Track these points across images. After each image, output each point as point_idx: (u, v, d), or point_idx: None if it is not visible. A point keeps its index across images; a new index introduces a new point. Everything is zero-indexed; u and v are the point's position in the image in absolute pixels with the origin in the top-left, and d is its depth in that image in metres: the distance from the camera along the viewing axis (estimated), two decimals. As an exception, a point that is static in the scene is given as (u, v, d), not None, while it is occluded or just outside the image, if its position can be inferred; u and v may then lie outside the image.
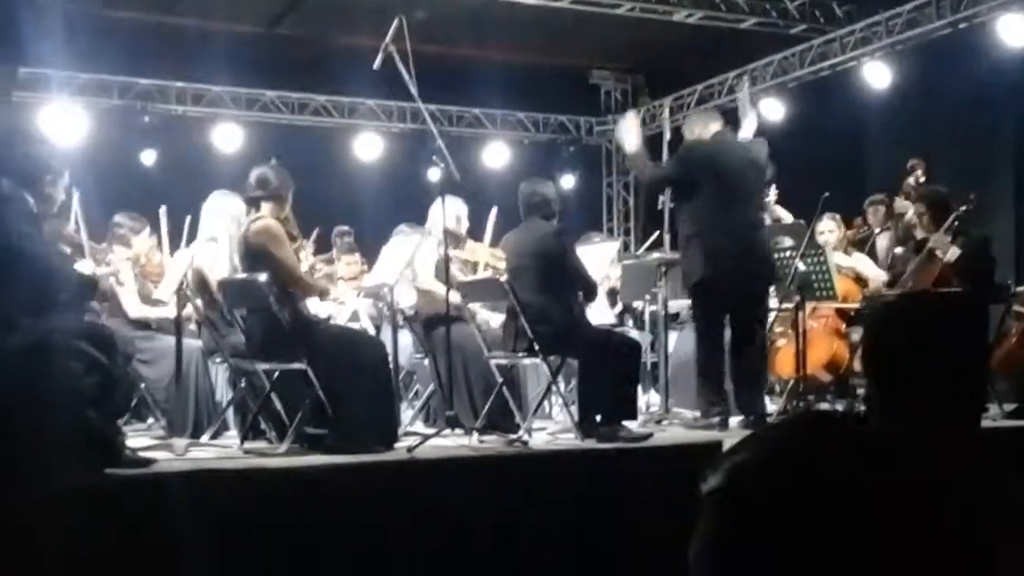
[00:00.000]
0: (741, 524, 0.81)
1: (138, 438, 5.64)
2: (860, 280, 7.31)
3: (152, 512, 3.91)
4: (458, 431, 5.39)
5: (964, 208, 6.55)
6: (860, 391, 6.67)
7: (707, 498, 0.84)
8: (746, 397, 5.94)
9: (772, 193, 7.44)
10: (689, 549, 0.84)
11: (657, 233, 9.17)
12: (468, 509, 4.37)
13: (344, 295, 7.17)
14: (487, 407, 5.77)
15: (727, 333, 6.09)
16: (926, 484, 0.81)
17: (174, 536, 3.83)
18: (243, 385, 5.70)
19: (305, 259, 5.80)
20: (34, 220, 4.55)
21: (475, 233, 6.81)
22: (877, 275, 7.23)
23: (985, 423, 1.95)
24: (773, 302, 6.93)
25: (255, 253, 5.26)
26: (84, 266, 5.24)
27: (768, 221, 7.03)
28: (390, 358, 5.66)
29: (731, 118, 6.72)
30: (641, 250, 8.99)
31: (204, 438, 5.67)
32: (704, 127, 6.23)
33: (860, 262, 7.42)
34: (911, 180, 7.57)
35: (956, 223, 6.51)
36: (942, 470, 0.83)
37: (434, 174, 5.78)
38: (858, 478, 0.80)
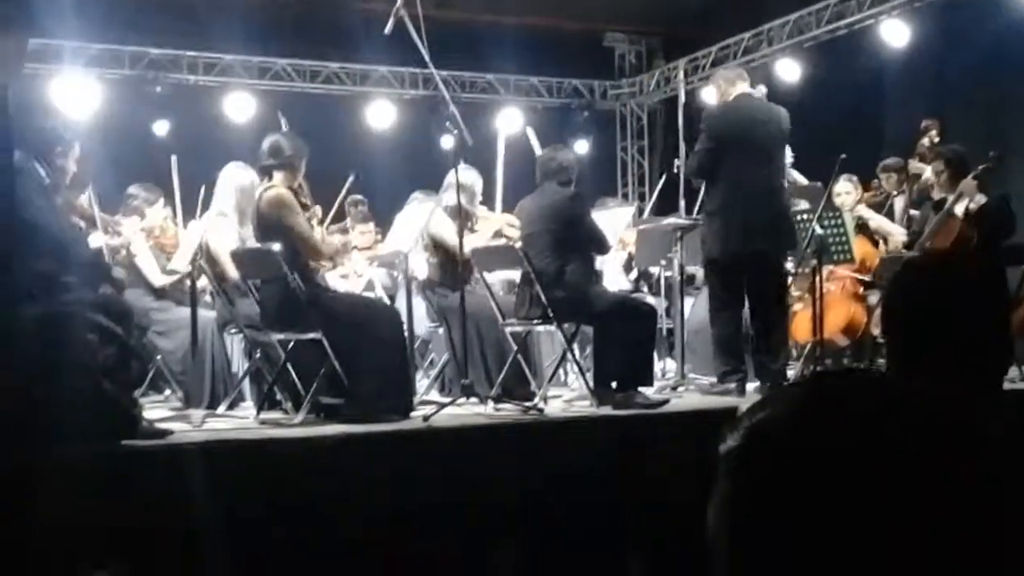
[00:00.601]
0: (760, 484, 0.79)
1: (155, 409, 5.66)
2: (878, 242, 7.25)
3: (169, 483, 3.94)
4: (473, 399, 5.39)
5: (984, 166, 6.47)
6: (880, 360, 6.63)
7: (725, 459, 0.82)
8: (767, 362, 5.91)
9: (789, 156, 7.37)
10: (708, 511, 0.83)
11: (656, 195, 9.11)
12: (484, 477, 4.38)
13: (359, 264, 7.16)
14: (502, 375, 5.76)
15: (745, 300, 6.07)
16: (952, 440, 0.79)
17: (191, 506, 3.86)
18: (258, 356, 5.71)
19: (315, 227, 5.79)
20: (47, 192, 4.55)
21: (486, 199, 6.78)
22: (898, 231, 7.17)
23: (1004, 385, 1.94)
24: (789, 266, 6.89)
25: (268, 223, 5.26)
26: (96, 239, 5.25)
27: (784, 184, 6.96)
28: (405, 327, 5.66)
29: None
30: (647, 212, 8.91)
31: (220, 409, 5.69)
32: (731, 85, 6.18)
33: (880, 220, 7.36)
34: (925, 141, 7.48)
35: (976, 181, 6.44)
36: (970, 425, 0.82)
37: (447, 141, 5.75)
38: (882, 435, 0.78)
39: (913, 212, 7.25)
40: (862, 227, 7.20)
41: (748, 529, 0.80)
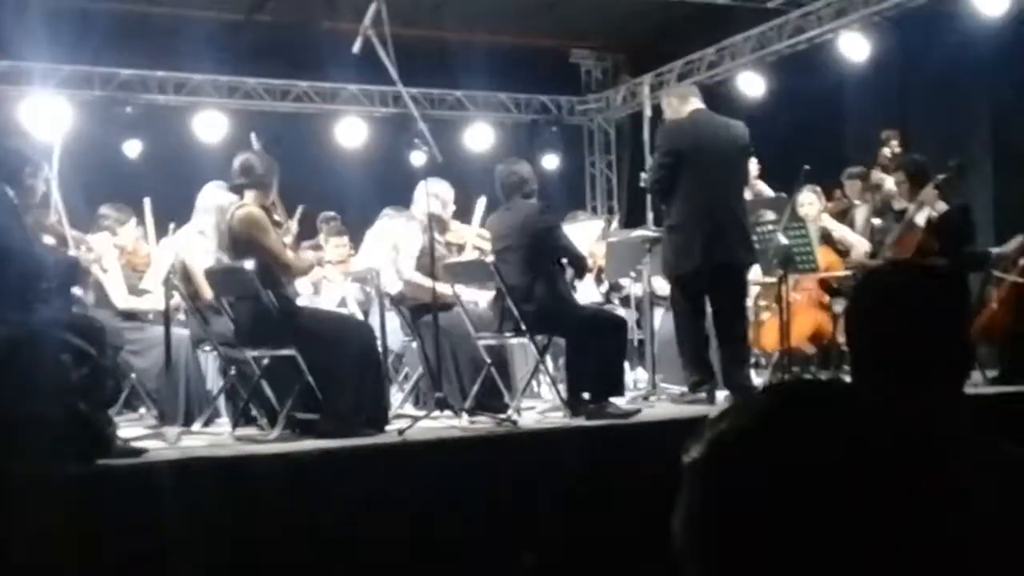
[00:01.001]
0: (722, 494, 0.81)
1: (130, 428, 5.66)
2: (842, 252, 7.37)
3: (145, 501, 3.95)
4: (447, 412, 5.43)
5: (944, 176, 6.60)
6: (847, 367, 6.74)
7: (688, 469, 0.84)
8: (731, 372, 6.00)
9: (754, 168, 7.48)
10: (672, 521, 0.85)
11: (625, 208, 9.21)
12: (460, 489, 4.42)
13: (332, 277, 7.19)
14: (476, 388, 5.81)
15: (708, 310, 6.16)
16: (914, 449, 0.81)
17: (167, 524, 3.88)
18: (233, 373, 5.73)
19: (290, 243, 5.83)
20: (15, 213, 4.57)
21: (462, 217, 6.84)
22: (860, 243, 7.28)
23: (968, 389, 1.99)
24: (757, 274, 7.00)
25: (239, 241, 5.29)
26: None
27: (750, 196, 7.07)
28: (378, 341, 5.70)
29: (709, 93, 6.75)
30: (614, 226, 9.03)
31: (195, 426, 5.69)
32: (683, 102, 6.24)
33: (843, 230, 7.47)
34: (886, 151, 7.61)
35: (936, 190, 6.56)
36: (931, 433, 0.83)
37: (417, 158, 5.80)
38: (843, 445, 0.79)
39: (876, 221, 7.38)
40: (826, 237, 7.32)
41: (711, 538, 0.81)
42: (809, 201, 7.28)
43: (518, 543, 4.42)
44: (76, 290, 5.88)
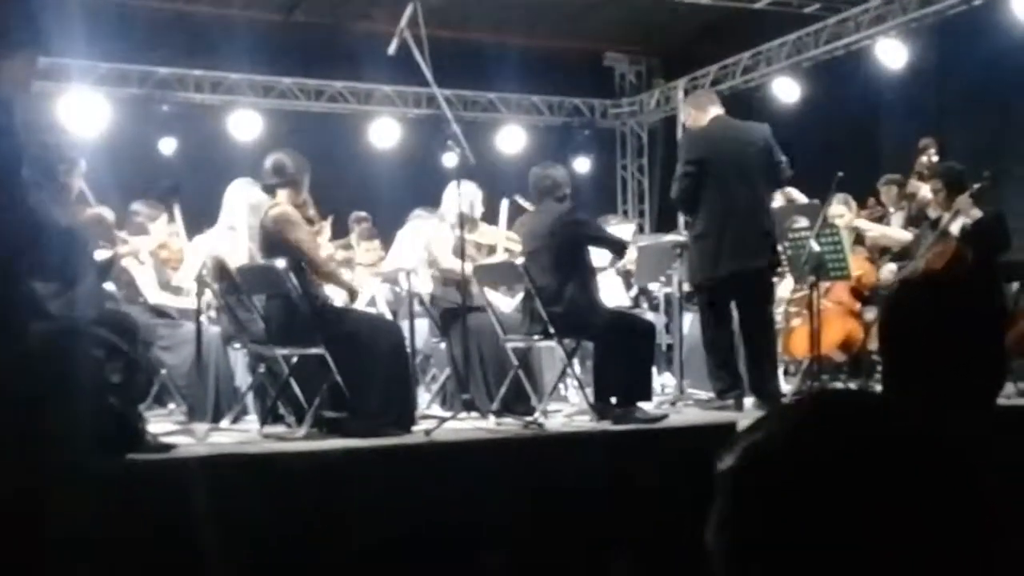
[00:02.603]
0: (757, 504, 0.81)
1: (159, 423, 5.71)
2: (874, 260, 7.31)
3: (173, 496, 3.99)
4: (474, 414, 5.44)
5: (979, 185, 6.54)
6: (877, 375, 6.68)
7: (722, 478, 0.84)
8: (759, 379, 5.97)
9: (788, 171, 7.41)
10: (706, 529, 0.85)
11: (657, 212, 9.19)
12: (484, 491, 4.43)
13: (363, 281, 7.23)
14: (503, 390, 5.82)
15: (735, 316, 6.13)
16: (947, 461, 0.81)
17: (195, 519, 3.91)
18: (262, 370, 5.77)
19: (324, 243, 5.86)
20: (50, 207, 4.61)
21: (489, 220, 6.85)
22: (899, 233, 7.20)
23: (1001, 401, 1.96)
24: (788, 282, 6.95)
25: (273, 239, 5.33)
26: (102, 253, 5.32)
27: (782, 202, 7.03)
28: (407, 342, 5.72)
29: (744, 98, 6.72)
30: (647, 229, 9.02)
31: (224, 423, 5.74)
32: (702, 111, 6.22)
33: (879, 228, 7.39)
34: (924, 159, 7.53)
35: (972, 199, 6.50)
36: (965, 446, 0.83)
37: (449, 159, 5.82)
38: (875, 458, 0.80)
39: (912, 229, 7.30)
40: (859, 240, 7.24)
41: (745, 547, 0.82)
42: (839, 213, 7.17)
43: (543, 544, 4.42)
44: (109, 286, 5.96)
